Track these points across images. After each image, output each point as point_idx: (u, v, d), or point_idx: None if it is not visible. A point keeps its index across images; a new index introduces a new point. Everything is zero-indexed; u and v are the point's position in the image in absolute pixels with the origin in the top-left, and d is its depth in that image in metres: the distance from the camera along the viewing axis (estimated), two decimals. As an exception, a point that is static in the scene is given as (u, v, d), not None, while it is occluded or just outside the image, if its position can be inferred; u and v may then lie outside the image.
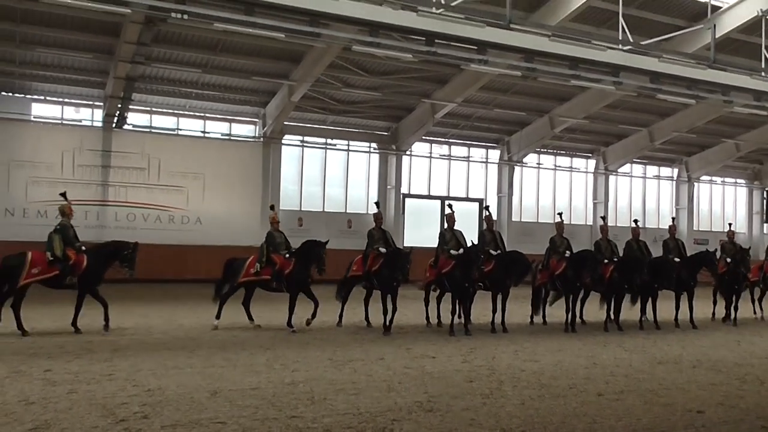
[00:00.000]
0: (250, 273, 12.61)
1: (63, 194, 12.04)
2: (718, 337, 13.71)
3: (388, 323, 12.36)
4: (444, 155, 28.30)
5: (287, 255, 12.53)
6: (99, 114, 22.69)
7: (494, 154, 29.16)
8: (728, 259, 15.82)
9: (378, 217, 13.68)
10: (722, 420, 7.14)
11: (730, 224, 18.28)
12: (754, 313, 16.83)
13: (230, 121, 24.73)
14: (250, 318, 12.76)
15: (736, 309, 15.85)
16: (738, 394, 8.43)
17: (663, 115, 28.00)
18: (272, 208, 13.63)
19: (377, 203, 14.51)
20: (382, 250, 12.86)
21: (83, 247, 11.52)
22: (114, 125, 22.37)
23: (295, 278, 12.30)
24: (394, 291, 12.51)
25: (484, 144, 28.93)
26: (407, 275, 12.44)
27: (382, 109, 25.79)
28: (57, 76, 21.56)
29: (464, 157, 28.68)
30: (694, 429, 6.77)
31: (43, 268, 11.10)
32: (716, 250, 16.02)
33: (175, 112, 23.84)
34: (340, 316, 13.40)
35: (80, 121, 22.91)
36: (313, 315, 12.37)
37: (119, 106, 21.67)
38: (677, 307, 15.19)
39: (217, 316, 12.48)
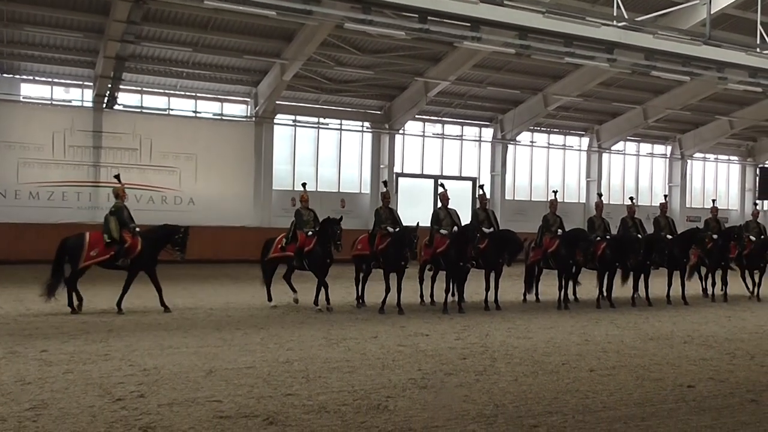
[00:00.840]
0: (278, 249, 12.81)
1: (117, 176, 12.36)
2: (708, 313, 13.84)
3: (396, 303, 12.40)
4: (437, 134, 28.22)
5: (309, 233, 12.52)
6: (89, 94, 22.49)
7: (487, 133, 29.10)
8: (714, 236, 15.91)
9: (386, 196, 13.64)
10: (712, 394, 7.23)
11: (713, 201, 18.40)
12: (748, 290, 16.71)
13: (222, 100, 24.56)
14: (270, 297, 12.95)
15: (725, 283, 15.97)
16: (728, 368, 8.53)
17: (657, 92, 27.96)
18: (304, 186, 13.35)
19: (385, 182, 14.53)
20: (390, 229, 12.83)
21: (137, 229, 11.78)
22: (104, 105, 22.18)
23: (314, 257, 12.32)
24: (401, 270, 12.52)
25: (477, 122, 28.85)
26: (415, 250, 12.45)
27: (375, 87, 25.66)
28: (46, 55, 21.34)
29: (457, 136, 28.62)
30: (685, 403, 6.85)
31: (101, 249, 11.42)
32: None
33: (166, 91, 23.65)
34: (358, 297, 13.28)
35: (70, 101, 22.70)
36: (320, 298, 12.47)
37: (109, 85, 21.47)
38: (669, 284, 15.30)
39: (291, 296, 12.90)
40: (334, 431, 5.66)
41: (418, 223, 12.81)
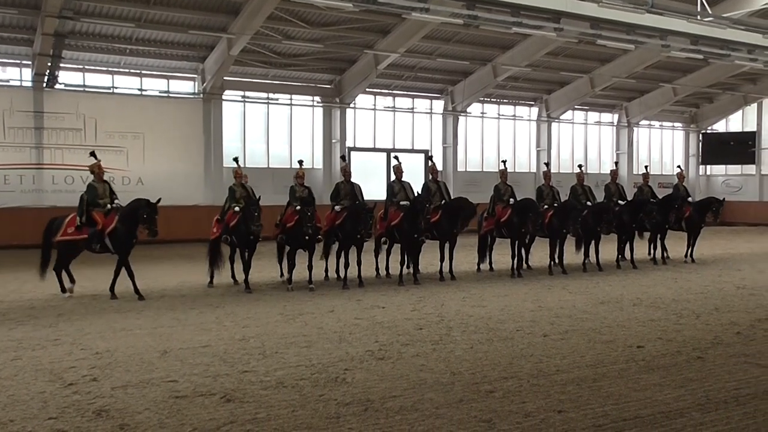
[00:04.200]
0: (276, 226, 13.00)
1: (236, 159, 13.36)
2: (656, 276, 14.26)
3: (357, 276, 12.46)
4: (388, 107, 28.12)
5: (297, 207, 12.31)
6: (28, 73, 21.67)
7: (438, 105, 29.13)
8: (652, 200, 16.31)
9: (345, 170, 13.57)
10: (661, 353, 7.48)
11: (646, 167, 18.59)
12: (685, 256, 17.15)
13: (168, 77, 23.94)
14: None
15: (664, 248, 16.40)
16: (675, 328, 8.82)
17: (603, 61, 28.35)
18: (300, 163, 13.64)
19: (343, 156, 14.52)
20: (337, 208, 12.78)
21: (237, 209, 12.41)
22: (45, 85, 21.40)
23: (293, 234, 12.18)
24: (360, 244, 12.49)
25: (428, 95, 28.83)
26: (370, 231, 12.40)
27: (325, 61, 25.38)
28: (-20, 34, 20.46)
29: (409, 109, 28.57)
30: (635, 363, 7.06)
31: (216, 227, 12.75)
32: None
33: (110, 69, 22.93)
34: (326, 271, 13.29)
35: (8, 81, 21.85)
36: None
37: (49, 64, 20.69)
38: (619, 250, 15.68)
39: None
40: (292, 405, 5.67)
41: (375, 204, 12.80)
